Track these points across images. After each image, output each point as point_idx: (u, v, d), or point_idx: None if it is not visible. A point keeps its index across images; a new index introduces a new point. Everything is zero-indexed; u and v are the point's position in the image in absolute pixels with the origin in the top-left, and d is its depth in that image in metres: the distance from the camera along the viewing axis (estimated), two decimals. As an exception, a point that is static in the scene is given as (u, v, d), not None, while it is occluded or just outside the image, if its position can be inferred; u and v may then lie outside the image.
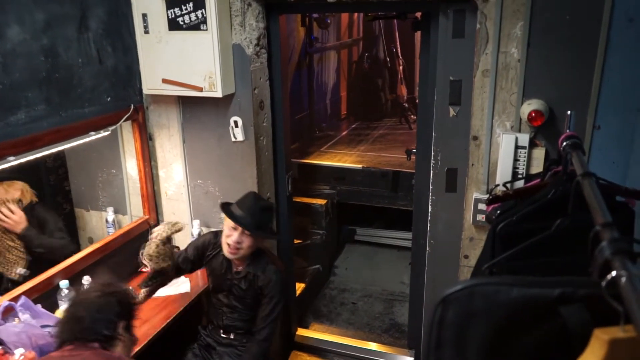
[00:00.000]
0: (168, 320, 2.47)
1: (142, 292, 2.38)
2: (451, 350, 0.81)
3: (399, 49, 6.73)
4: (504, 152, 2.33)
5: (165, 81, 2.63)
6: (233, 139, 2.79)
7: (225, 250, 2.35)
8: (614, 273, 0.70)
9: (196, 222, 2.96)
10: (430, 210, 2.70)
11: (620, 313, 0.67)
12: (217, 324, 2.58)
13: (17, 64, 2.07)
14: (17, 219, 2.54)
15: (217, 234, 2.50)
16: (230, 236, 2.30)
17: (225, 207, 2.34)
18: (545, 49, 2.22)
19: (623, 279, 0.68)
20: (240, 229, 2.29)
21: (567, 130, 1.52)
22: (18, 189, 2.63)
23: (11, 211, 2.54)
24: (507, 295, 0.77)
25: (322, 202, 4.40)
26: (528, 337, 0.78)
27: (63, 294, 2.34)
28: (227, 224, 2.34)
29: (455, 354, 0.81)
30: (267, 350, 2.43)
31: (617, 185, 1.54)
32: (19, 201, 2.61)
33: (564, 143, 1.45)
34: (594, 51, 2.15)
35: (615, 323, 0.69)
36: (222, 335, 2.56)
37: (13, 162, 2.08)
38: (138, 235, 2.89)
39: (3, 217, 2.52)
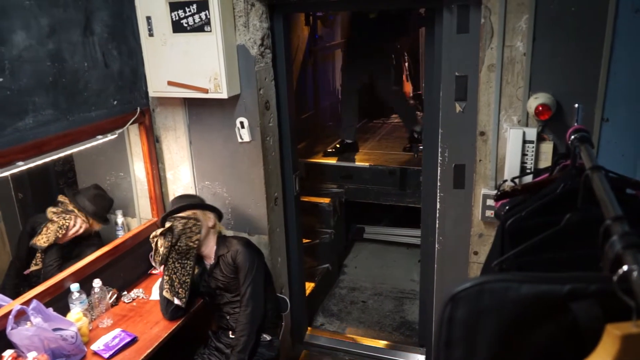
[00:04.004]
0: (178, 323, 2.47)
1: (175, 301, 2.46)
2: (461, 348, 0.81)
3: (403, 46, 6.69)
4: (511, 147, 2.32)
5: (170, 83, 2.64)
6: (239, 140, 2.79)
7: None
8: (625, 267, 0.69)
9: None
10: (438, 207, 2.69)
11: (633, 308, 0.67)
12: (225, 326, 2.59)
13: (24, 70, 2.09)
14: (71, 234, 2.63)
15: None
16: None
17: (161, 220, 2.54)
18: (551, 41, 2.20)
19: (635, 274, 0.67)
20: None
21: (575, 124, 1.50)
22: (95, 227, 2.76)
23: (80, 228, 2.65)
24: (517, 292, 0.76)
25: (329, 201, 4.40)
26: (539, 334, 0.77)
27: (74, 297, 2.36)
28: None
29: (466, 352, 0.81)
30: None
31: (627, 178, 1.52)
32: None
33: (572, 136, 1.43)
34: (600, 43, 2.13)
35: (627, 318, 0.68)
36: (231, 336, 2.56)
37: (22, 167, 2.09)
38: (147, 238, 2.89)
39: (71, 225, 2.62)
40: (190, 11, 2.47)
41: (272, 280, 2.70)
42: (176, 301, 2.44)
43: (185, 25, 2.50)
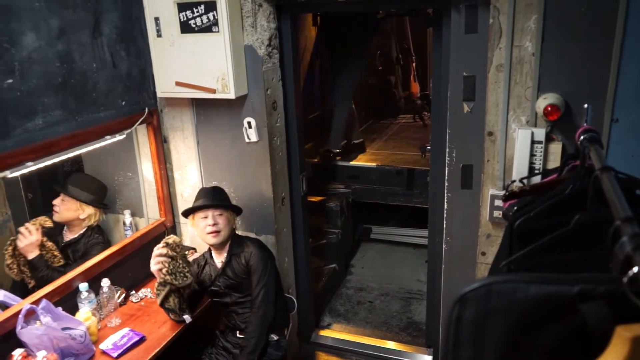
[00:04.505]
0: (186, 323, 2.48)
1: (186, 317, 2.44)
2: (469, 349, 0.80)
3: (411, 46, 6.68)
4: (519, 147, 2.30)
5: (178, 84, 2.65)
6: (247, 140, 2.80)
7: (210, 241, 2.48)
8: (635, 269, 0.68)
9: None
10: (446, 207, 2.68)
11: (643, 310, 0.66)
12: (232, 326, 2.60)
13: (34, 71, 2.11)
14: (29, 243, 2.54)
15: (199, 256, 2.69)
16: (206, 225, 2.46)
17: (189, 208, 2.51)
18: (560, 42, 2.18)
19: (645, 275, 0.67)
20: (209, 212, 2.45)
21: (585, 124, 1.49)
22: (88, 213, 2.76)
23: (29, 232, 2.54)
24: (526, 292, 0.75)
25: (337, 201, 4.39)
26: (547, 335, 0.77)
27: (83, 297, 2.37)
28: (198, 220, 2.49)
29: (474, 353, 0.80)
30: None
31: (637, 179, 1.50)
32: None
33: (582, 137, 1.42)
34: (610, 43, 2.11)
35: (637, 320, 0.67)
36: (239, 336, 2.57)
37: (31, 167, 2.11)
38: (155, 238, 2.92)
39: (20, 237, 2.54)
40: (198, 12, 2.48)
41: (280, 281, 2.71)
42: (186, 318, 2.43)
43: (193, 25, 2.51)
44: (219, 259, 2.56)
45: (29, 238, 2.54)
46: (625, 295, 0.68)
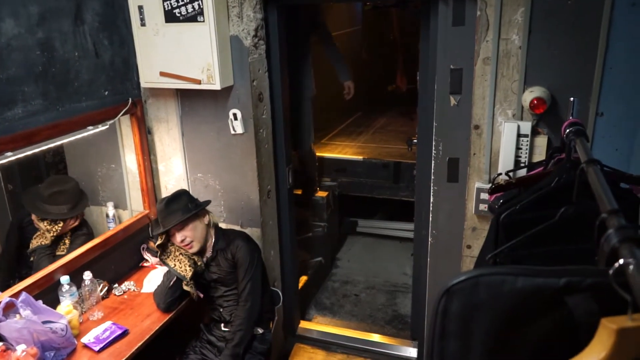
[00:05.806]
0: (170, 316, 2.46)
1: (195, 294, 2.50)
2: (456, 340, 0.80)
3: (398, 39, 6.67)
4: (505, 140, 2.31)
5: (163, 74, 2.60)
6: (232, 132, 2.77)
7: (189, 252, 2.45)
8: (621, 261, 0.68)
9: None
10: (432, 200, 2.68)
11: (629, 302, 0.66)
12: (217, 319, 2.58)
13: (13, 58, 2.05)
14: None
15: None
16: (177, 241, 2.42)
17: (154, 231, 2.48)
18: (547, 35, 2.19)
19: (631, 267, 0.67)
20: (174, 231, 2.39)
21: (570, 117, 1.50)
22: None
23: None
24: (513, 285, 0.75)
25: (323, 194, 4.38)
26: (534, 327, 0.76)
27: (64, 290, 2.33)
28: (173, 239, 2.44)
29: (460, 345, 0.80)
30: (240, 354, 2.44)
31: (622, 172, 1.52)
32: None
33: (567, 130, 1.43)
34: (596, 37, 2.12)
35: (622, 312, 0.67)
36: (224, 329, 2.55)
37: (11, 157, 2.06)
38: (138, 230, 2.88)
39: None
40: (183, 1, 2.44)
41: (266, 274, 2.69)
42: (195, 295, 2.48)
43: (178, 15, 2.47)
44: (204, 255, 2.53)
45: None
46: (611, 287, 0.68)
